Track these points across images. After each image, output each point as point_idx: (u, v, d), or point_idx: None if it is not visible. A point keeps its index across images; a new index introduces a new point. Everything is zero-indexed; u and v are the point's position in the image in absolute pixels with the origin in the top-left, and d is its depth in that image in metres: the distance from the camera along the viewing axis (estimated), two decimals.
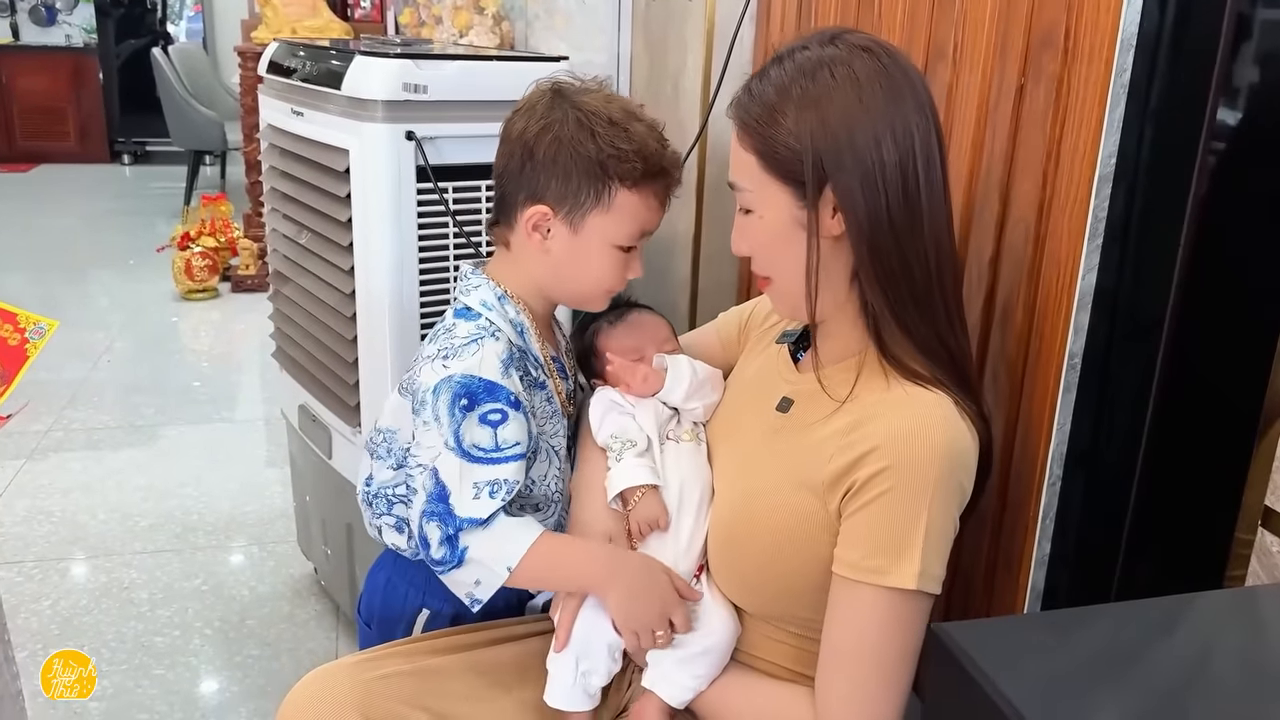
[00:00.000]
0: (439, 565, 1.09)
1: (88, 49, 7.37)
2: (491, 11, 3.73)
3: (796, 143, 0.93)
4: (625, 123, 1.11)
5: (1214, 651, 0.76)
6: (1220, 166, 1.00)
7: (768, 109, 0.95)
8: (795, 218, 0.96)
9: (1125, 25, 0.98)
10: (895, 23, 1.33)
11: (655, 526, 1.08)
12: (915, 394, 0.95)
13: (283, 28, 4.27)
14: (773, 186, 0.96)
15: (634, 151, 1.09)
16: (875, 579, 0.92)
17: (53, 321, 1.10)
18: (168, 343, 3.98)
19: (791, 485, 0.99)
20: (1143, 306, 1.06)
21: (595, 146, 1.09)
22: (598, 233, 1.12)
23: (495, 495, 1.08)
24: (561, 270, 1.15)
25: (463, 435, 1.08)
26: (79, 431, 3.01)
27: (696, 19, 1.90)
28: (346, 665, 1.14)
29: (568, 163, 1.09)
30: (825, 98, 0.93)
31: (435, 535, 1.08)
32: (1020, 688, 0.67)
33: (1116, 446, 1.13)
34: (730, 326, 1.28)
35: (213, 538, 2.46)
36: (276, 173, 1.88)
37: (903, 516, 0.91)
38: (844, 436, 0.96)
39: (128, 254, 5.01)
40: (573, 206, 1.11)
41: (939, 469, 0.91)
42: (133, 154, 7.56)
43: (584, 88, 1.15)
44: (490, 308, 1.15)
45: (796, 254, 0.97)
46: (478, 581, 1.09)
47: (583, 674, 1.09)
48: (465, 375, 1.09)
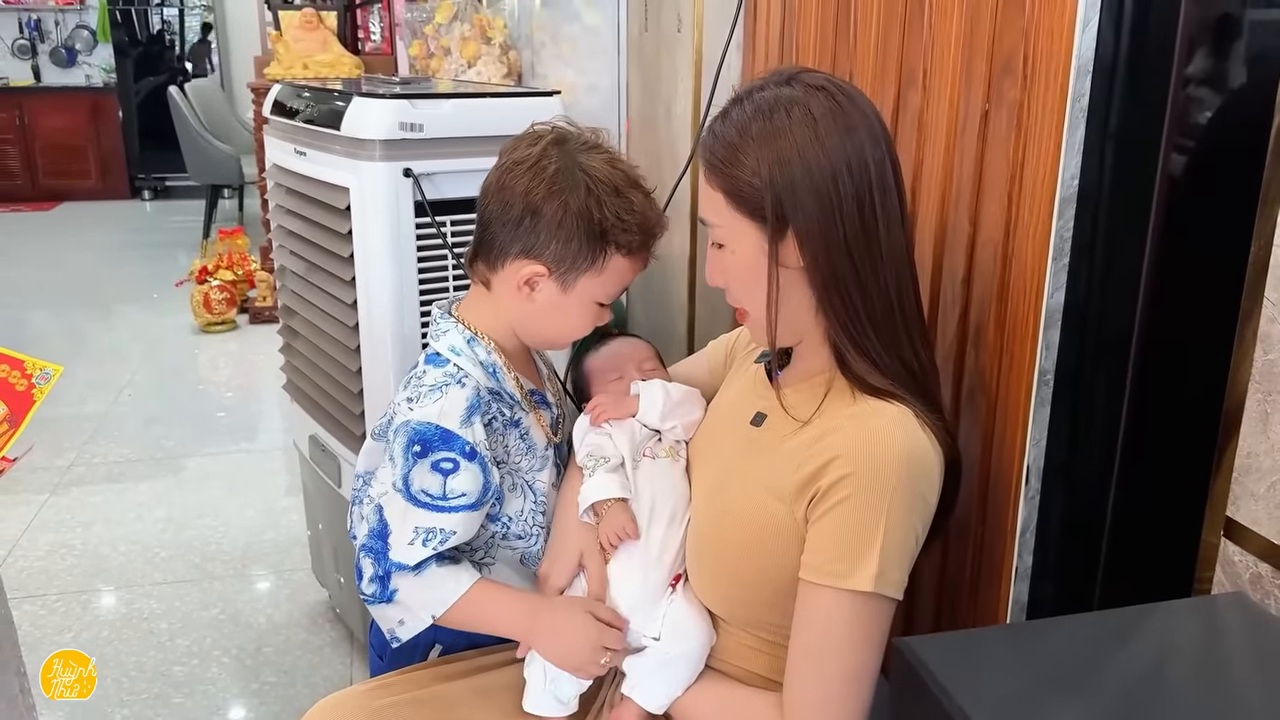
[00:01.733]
0: (367, 599, 1.15)
1: (107, 88, 7.53)
2: (499, 41, 3.80)
3: (758, 180, 0.97)
4: (628, 192, 1.14)
5: (1170, 660, 0.79)
6: (1179, 185, 1.03)
7: (730, 148, 0.99)
8: (764, 251, 1.00)
9: (1081, 51, 1.01)
10: (869, 50, 1.36)
11: (624, 536, 1.12)
12: (878, 406, 0.99)
13: (294, 63, 4.36)
14: (740, 222, 1.00)
15: (636, 224, 1.14)
16: (836, 582, 0.95)
17: (58, 367, 1.15)
18: (187, 375, 4.05)
19: (763, 495, 1.03)
20: (1110, 322, 1.09)
21: (601, 216, 1.12)
22: (586, 292, 1.16)
23: (428, 543, 1.12)
24: (539, 320, 1.19)
25: (411, 480, 1.12)
26: (100, 465, 3.08)
27: (685, 48, 1.94)
28: (357, 693, 1.18)
29: (572, 228, 1.12)
30: (782, 136, 0.96)
31: (368, 570, 1.14)
32: (977, 700, 0.69)
33: (1093, 459, 1.15)
34: (718, 353, 1.33)
35: (230, 567, 2.51)
36: (283, 210, 1.93)
37: (862, 522, 0.94)
38: (809, 447, 1.00)
39: (149, 288, 5.10)
40: (569, 268, 1.14)
41: (898, 476, 0.94)
42: (153, 190, 7.70)
43: (586, 144, 1.17)
44: (459, 352, 1.17)
45: (760, 285, 1.01)
46: (401, 621, 1.15)
47: (550, 681, 1.13)
48: (422, 422, 1.12)
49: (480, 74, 3.69)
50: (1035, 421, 1.11)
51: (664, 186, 2.04)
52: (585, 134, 1.19)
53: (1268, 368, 0.88)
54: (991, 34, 1.12)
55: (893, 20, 1.31)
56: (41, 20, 7.59)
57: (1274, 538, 0.88)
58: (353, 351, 1.72)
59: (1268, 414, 0.88)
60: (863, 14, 1.38)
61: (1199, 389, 1.04)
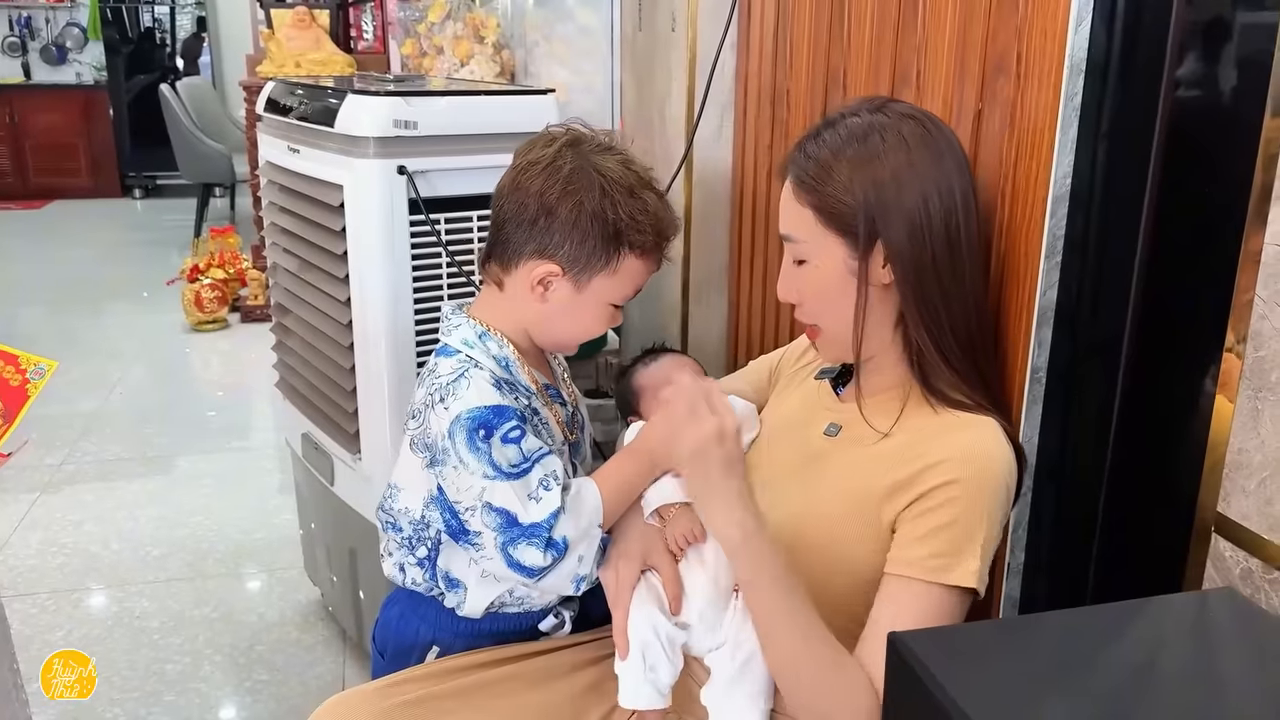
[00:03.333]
0: (547, 570, 1.12)
1: (98, 86, 7.50)
2: (491, 40, 3.79)
3: (851, 199, 1.02)
4: (641, 192, 1.16)
5: (1161, 655, 0.79)
6: (1171, 184, 1.04)
7: (823, 168, 1.03)
8: (849, 267, 1.04)
9: (1074, 51, 1.02)
10: (863, 49, 1.37)
11: (690, 539, 1.13)
12: (968, 419, 1.03)
13: (286, 62, 4.35)
14: (828, 239, 1.04)
15: (650, 224, 1.16)
16: (937, 576, 0.98)
17: (52, 362, 1.15)
18: (179, 373, 4.04)
19: (839, 501, 1.06)
20: (1102, 321, 1.10)
21: (615, 216, 1.13)
22: (600, 292, 1.18)
23: (551, 487, 1.12)
24: (553, 320, 1.20)
25: (497, 461, 1.11)
26: (91, 463, 3.07)
27: (679, 49, 1.95)
28: (366, 692, 1.18)
29: (587, 228, 1.13)
30: (878, 159, 1.02)
31: (532, 551, 1.11)
32: (970, 694, 0.70)
33: (1085, 456, 1.16)
34: (760, 372, 1.36)
35: (223, 565, 2.50)
36: (276, 208, 1.93)
37: (966, 525, 0.98)
38: (900, 454, 1.04)
39: (141, 286, 5.09)
40: (583, 268, 1.16)
41: (998, 482, 1.00)
42: (144, 188, 7.68)
43: (600, 145, 1.18)
44: (471, 345, 1.18)
45: (848, 301, 1.05)
46: (580, 558, 1.13)
47: (650, 668, 1.10)
48: (469, 410, 1.12)
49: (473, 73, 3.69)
50: (1028, 419, 1.12)
51: None
52: (600, 136, 1.20)
53: (1257, 364, 0.88)
54: (985, 33, 1.12)
55: (886, 19, 1.31)
56: (32, 18, 7.56)
57: (1264, 533, 0.89)
58: (346, 349, 1.72)
59: (1258, 410, 0.89)
60: (856, 13, 1.39)
61: (1190, 386, 1.05)
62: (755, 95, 1.71)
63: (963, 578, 0.97)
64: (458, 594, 1.24)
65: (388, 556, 1.29)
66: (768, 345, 1.73)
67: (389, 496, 1.27)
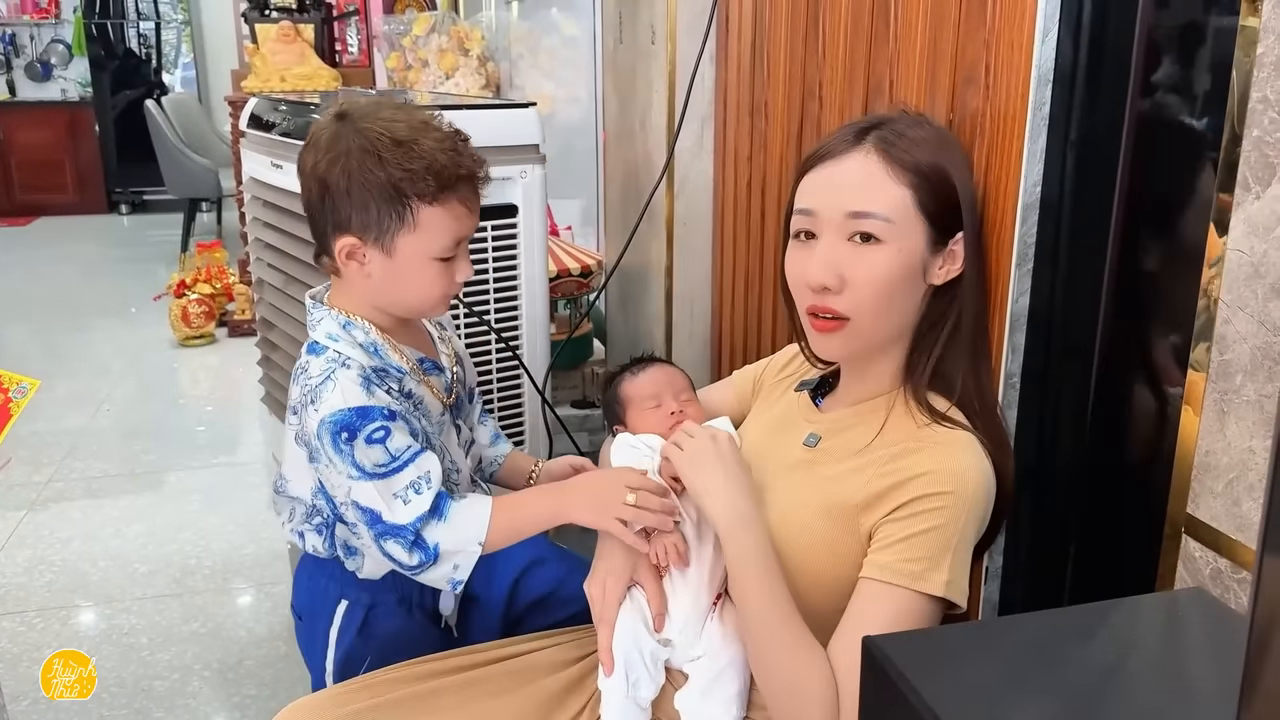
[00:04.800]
0: (416, 570, 1.16)
1: (84, 102, 7.50)
2: (476, 53, 3.81)
3: (954, 190, 1.04)
4: (412, 139, 1.11)
5: (1131, 654, 0.81)
6: (1138, 190, 1.06)
7: (932, 153, 1.03)
8: (923, 259, 1.04)
9: (1041, 62, 1.04)
10: (838, 62, 1.39)
11: (675, 557, 1.14)
12: (951, 434, 1.03)
13: (271, 76, 4.36)
14: (918, 223, 1.03)
15: (425, 169, 1.10)
16: (909, 582, 0.97)
17: (34, 381, 1.16)
18: (167, 389, 4.04)
19: (819, 511, 1.06)
20: (1074, 326, 1.11)
21: (385, 172, 1.10)
22: (411, 251, 1.14)
23: (422, 490, 1.14)
24: (388, 290, 1.18)
25: (361, 462, 1.13)
26: (79, 481, 3.06)
27: (659, 60, 1.96)
28: (328, 697, 1.19)
29: (361, 192, 1.11)
30: (962, 160, 1.06)
31: (399, 548, 1.14)
32: (942, 695, 0.71)
33: (1061, 459, 1.17)
34: (744, 383, 1.37)
35: (211, 581, 2.50)
36: (260, 223, 1.94)
37: (944, 536, 0.98)
38: (882, 465, 1.03)
39: (128, 302, 5.08)
40: (379, 233, 1.13)
41: (982, 503, 1.00)
42: (130, 204, 7.67)
43: (371, 107, 1.16)
44: (336, 339, 1.18)
45: (902, 292, 1.04)
46: (455, 566, 1.16)
47: (632, 685, 1.12)
48: (332, 413, 1.13)
49: (458, 85, 3.70)
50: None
51: (639, 196, 2.06)
52: (377, 100, 1.19)
53: (1222, 368, 0.90)
54: (955, 45, 1.14)
55: (860, 33, 1.33)
56: (16, 34, 7.55)
57: (1232, 534, 0.90)
58: None
59: (1224, 413, 0.90)
60: (831, 27, 1.41)
61: (1160, 390, 1.07)
62: (734, 107, 1.73)
63: (934, 586, 0.97)
64: (355, 560, 1.27)
65: (288, 524, 1.31)
66: (750, 353, 1.75)
67: (280, 486, 1.30)
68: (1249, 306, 0.87)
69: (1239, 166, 0.88)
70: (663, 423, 1.27)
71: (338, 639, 1.30)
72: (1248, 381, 0.88)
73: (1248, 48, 0.87)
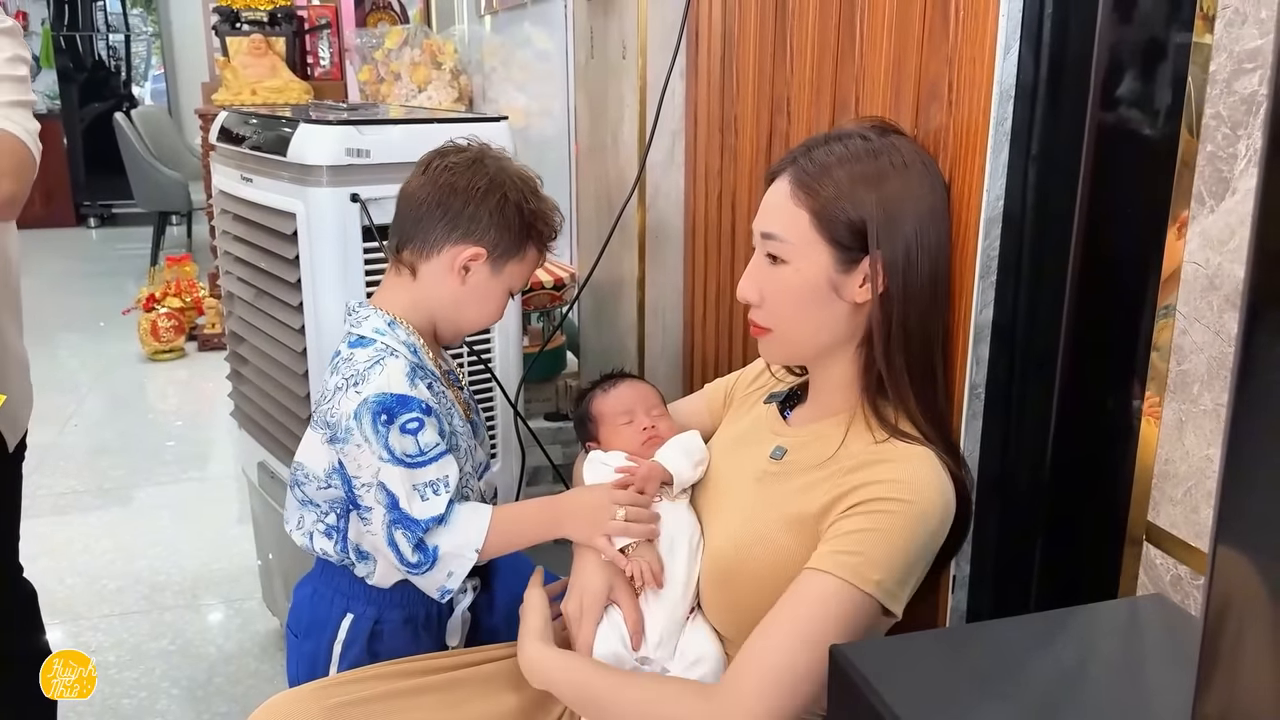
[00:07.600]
0: (414, 569, 1.21)
1: (51, 115, 7.41)
2: (449, 66, 3.82)
3: (855, 211, 1.04)
4: (542, 195, 1.33)
5: (1091, 660, 0.82)
6: (1099, 204, 1.08)
7: (831, 175, 1.05)
8: (829, 278, 1.06)
9: (1003, 77, 1.05)
10: (804, 78, 1.40)
11: (652, 571, 1.15)
12: (907, 449, 1.03)
13: (242, 89, 4.35)
14: (818, 245, 1.05)
15: (550, 222, 1.33)
16: (842, 571, 0.97)
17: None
18: (135, 404, 4.00)
19: (783, 523, 1.07)
20: (1037, 338, 1.13)
21: (529, 210, 1.29)
22: (509, 278, 1.31)
23: (439, 492, 1.21)
24: (464, 305, 1.30)
25: (393, 447, 1.19)
26: (46, 497, 3.03)
27: (631, 75, 1.98)
28: (311, 691, 1.19)
29: (512, 217, 1.27)
30: (887, 179, 1.05)
31: (405, 542, 1.20)
32: (906, 702, 0.72)
33: (1025, 469, 1.19)
34: (716, 395, 1.38)
35: (180, 597, 2.48)
36: (230, 237, 1.93)
37: (888, 538, 0.98)
38: (840, 477, 1.04)
39: (96, 316, 5.03)
40: (502, 254, 1.28)
41: (935, 518, 1.00)
42: (99, 217, 7.60)
43: (504, 156, 1.33)
44: (383, 333, 1.26)
45: (814, 310, 1.07)
46: (450, 574, 1.22)
47: None
48: (377, 394, 1.20)
49: (431, 99, 3.71)
50: (968, 434, 1.15)
51: (611, 210, 2.07)
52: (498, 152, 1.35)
53: (1181, 378, 0.92)
54: (918, 62, 1.16)
55: (826, 50, 1.35)
56: None
57: (1191, 540, 0.92)
58: (300, 377, 1.73)
59: (1182, 422, 0.92)
60: (798, 43, 1.42)
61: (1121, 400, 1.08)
62: (705, 121, 1.75)
63: (864, 581, 0.96)
64: (367, 564, 1.31)
65: (298, 528, 1.34)
66: (722, 365, 1.76)
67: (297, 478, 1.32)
68: (1205, 318, 0.89)
69: (1194, 181, 0.90)
70: (635, 438, 1.28)
71: (342, 652, 1.31)
72: (1204, 391, 0.89)
73: (1202, 64, 0.89)
